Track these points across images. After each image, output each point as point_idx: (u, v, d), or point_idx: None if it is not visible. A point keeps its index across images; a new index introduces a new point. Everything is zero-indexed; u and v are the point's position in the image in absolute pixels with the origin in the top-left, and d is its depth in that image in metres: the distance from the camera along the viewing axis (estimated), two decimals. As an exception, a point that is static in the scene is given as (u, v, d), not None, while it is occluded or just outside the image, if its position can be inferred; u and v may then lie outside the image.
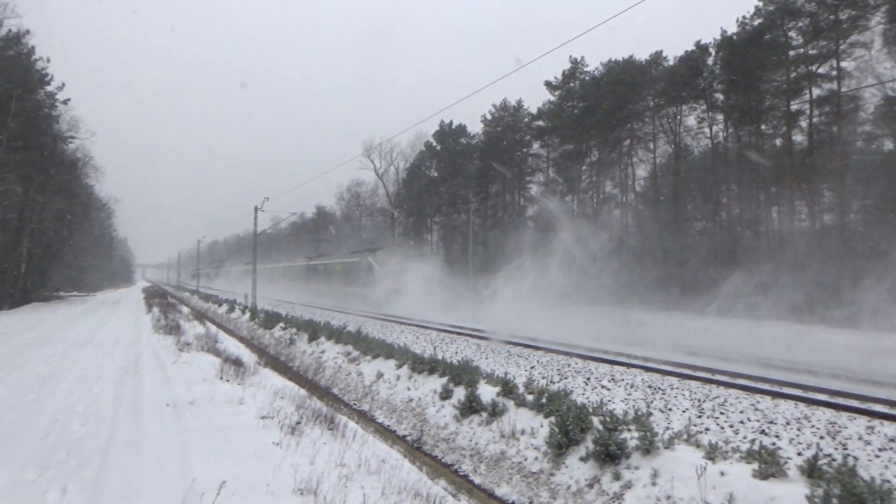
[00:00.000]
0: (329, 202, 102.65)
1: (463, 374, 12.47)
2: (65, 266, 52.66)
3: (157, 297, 48.72)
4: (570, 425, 8.62)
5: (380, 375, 15.06)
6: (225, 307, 41.81)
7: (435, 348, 20.15)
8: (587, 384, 14.15)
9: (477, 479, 8.98)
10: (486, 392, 11.28)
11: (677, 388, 13.46)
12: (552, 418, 9.27)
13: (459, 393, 11.88)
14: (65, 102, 42.55)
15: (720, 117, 41.47)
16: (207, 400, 9.32)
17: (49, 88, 41.18)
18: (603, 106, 46.03)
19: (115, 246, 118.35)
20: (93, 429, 7.86)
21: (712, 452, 7.22)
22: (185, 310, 36.84)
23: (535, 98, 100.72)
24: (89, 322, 25.87)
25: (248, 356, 15.40)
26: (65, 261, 51.26)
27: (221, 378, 11.37)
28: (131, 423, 8.05)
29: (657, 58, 45.95)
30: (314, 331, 21.88)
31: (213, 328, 23.41)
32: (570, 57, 52.18)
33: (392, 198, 78.17)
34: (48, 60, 39.90)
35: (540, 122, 55.40)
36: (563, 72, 52.51)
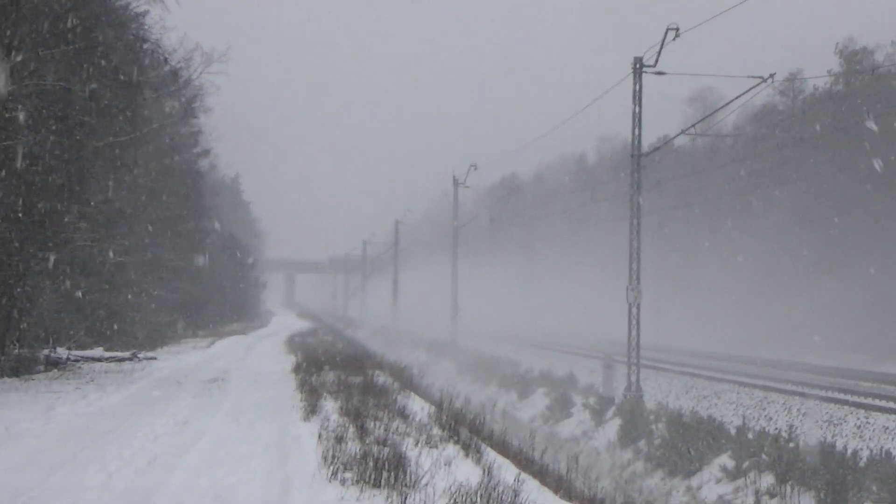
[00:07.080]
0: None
1: None
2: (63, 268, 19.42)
3: (334, 367, 17.45)
4: None
5: None
6: (544, 398, 23.07)
7: None
8: None
9: None
10: None
11: None
12: None
13: None
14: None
15: None
16: None
17: None
18: None
19: (208, 196, 49.45)
20: None
21: None
22: (416, 404, 14.10)
23: None
24: (146, 449, 9.06)
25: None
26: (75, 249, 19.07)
27: None
28: None
29: None
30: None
31: (502, 463, 8.10)
32: None
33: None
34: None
35: None
36: None
